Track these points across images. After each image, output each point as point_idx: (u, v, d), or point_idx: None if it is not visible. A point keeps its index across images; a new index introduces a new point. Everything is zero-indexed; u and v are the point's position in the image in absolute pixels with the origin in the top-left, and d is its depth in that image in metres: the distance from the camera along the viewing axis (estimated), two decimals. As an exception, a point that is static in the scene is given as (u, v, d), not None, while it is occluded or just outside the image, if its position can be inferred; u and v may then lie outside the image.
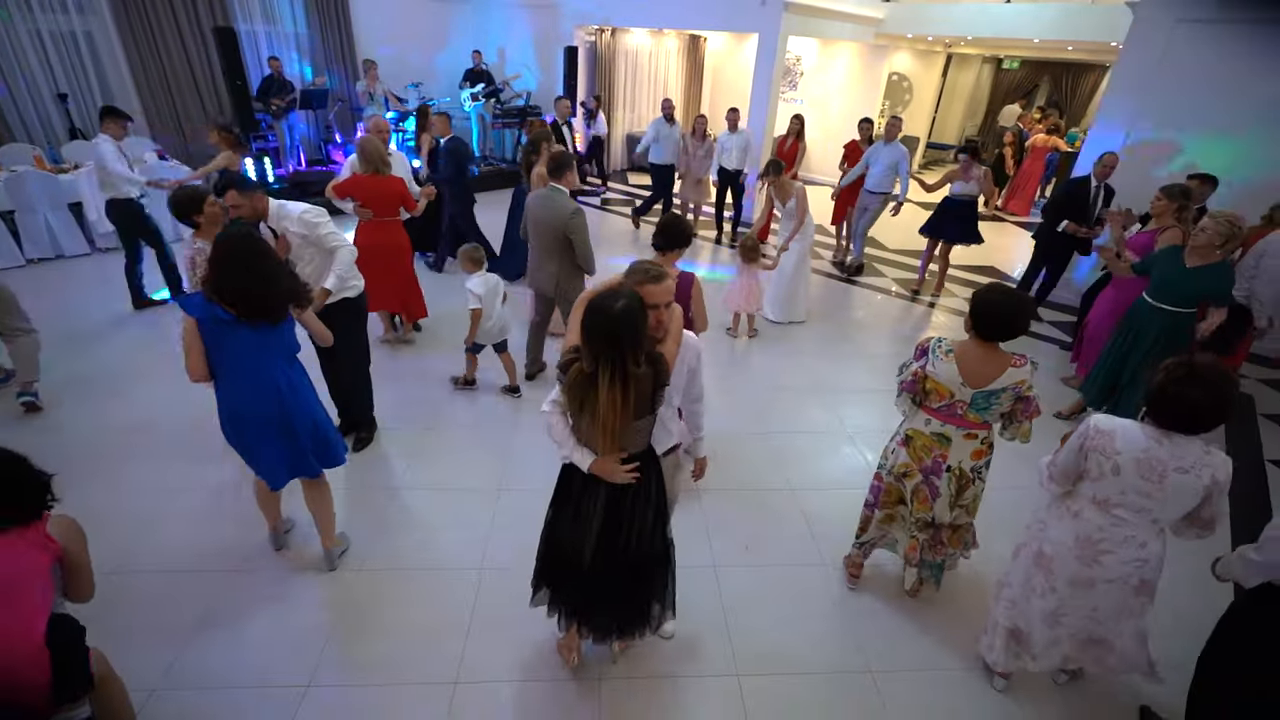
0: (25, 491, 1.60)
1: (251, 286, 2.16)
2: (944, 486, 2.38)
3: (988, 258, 7.61)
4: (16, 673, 1.48)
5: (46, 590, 1.58)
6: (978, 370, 2.22)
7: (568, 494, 2.05)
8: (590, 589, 2.07)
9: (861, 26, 9.35)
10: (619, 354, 1.70)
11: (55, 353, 4.27)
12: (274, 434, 2.36)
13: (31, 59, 6.99)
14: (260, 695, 2.21)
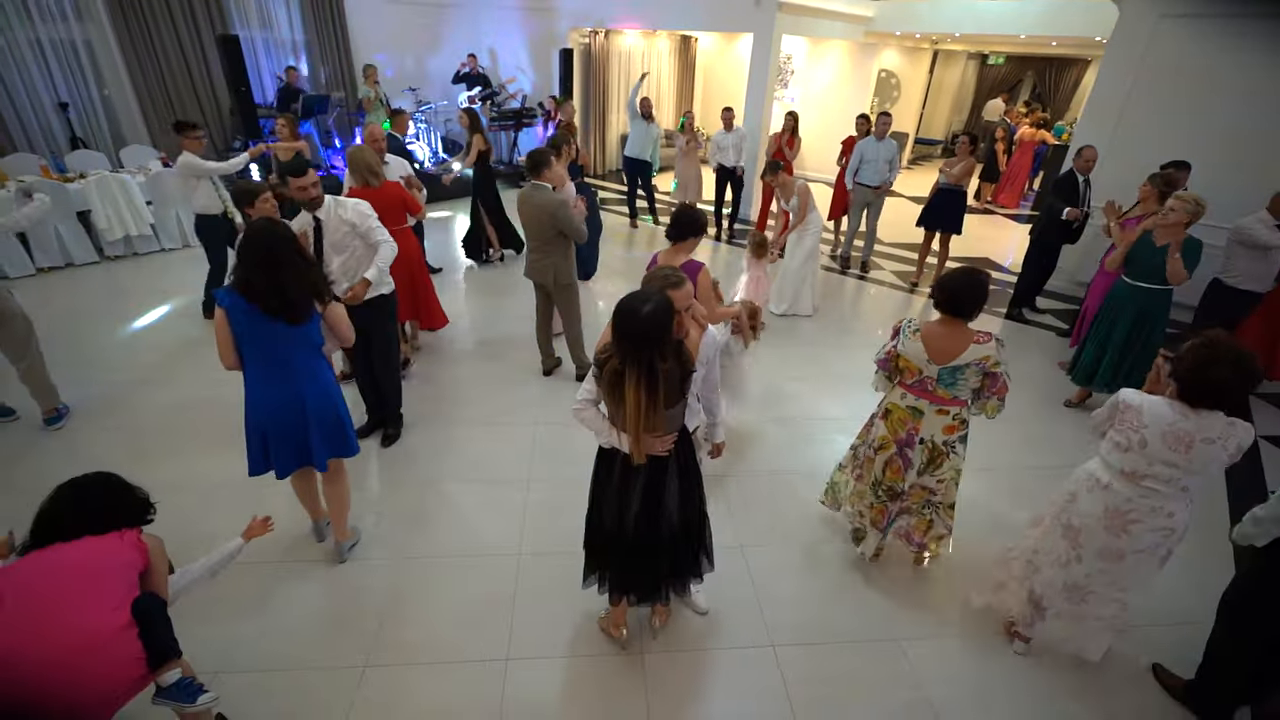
0: (121, 510, 1.79)
1: (272, 278, 2.20)
2: (916, 457, 2.55)
3: (981, 249, 7.81)
4: (107, 648, 1.56)
5: (132, 586, 1.67)
6: (941, 347, 2.38)
7: (609, 473, 2.17)
8: (637, 556, 2.19)
9: (852, 25, 9.53)
10: (648, 353, 1.83)
11: (81, 356, 4.33)
12: (291, 423, 2.43)
13: (32, 68, 7.00)
14: (322, 675, 2.31)
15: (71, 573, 1.58)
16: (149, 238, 6.46)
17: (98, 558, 1.64)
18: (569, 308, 4.04)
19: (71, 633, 1.50)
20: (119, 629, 1.57)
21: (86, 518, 1.70)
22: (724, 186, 7.47)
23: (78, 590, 1.56)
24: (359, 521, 2.98)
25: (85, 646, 1.51)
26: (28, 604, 1.50)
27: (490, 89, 9.80)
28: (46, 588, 1.54)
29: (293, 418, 2.42)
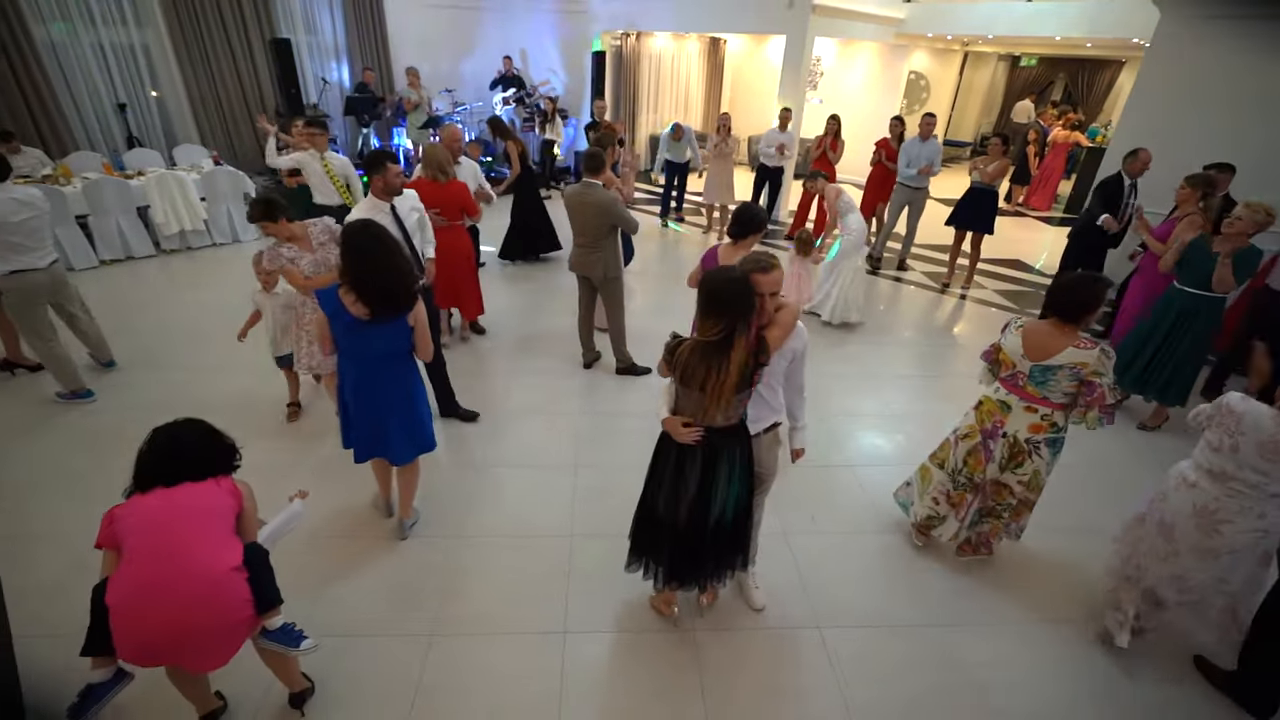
0: (216, 455, 1.88)
1: (388, 264, 2.34)
2: (997, 450, 2.60)
3: (1013, 250, 7.79)
4: (224, 587, 1.71)
5: (233, 531, 1.82)
6: (1038, 344, 2.43)
7: (666, 462, 2.27)
8: (685, 542, 2.28)
9: (883, 26, 9.55)
10: (732, 320, 1.93)
11: (153, 344, 4.57)
12: (372, 420, 2.58)
13: (94, 71, 7.34)
14: (393, 641, 2.46)
15: (188, 515, 1.70)
16: (202, 232, 6.73)
17: (205, 502, 1.76)
18: (614, 301, 4.18)
19: (202, 569, 1.66)
20: (232, 570, 1.72)
21: (184, 463, 1.78)
22: (762, 186, 7.56)
23: (196, 531, 1.69)
24: (418, 502, 3.13)
25: (214, 582, 1.67)
26: (165, 540, 1.63)
27: (524, 90, 9.99)
28: (176, 526, 1.67)
29: (376, 416, 2.58)
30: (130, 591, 1.63)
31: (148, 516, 1.69)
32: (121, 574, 1.63)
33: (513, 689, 2.31)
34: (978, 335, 5.58)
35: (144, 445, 1.81)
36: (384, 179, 3.18)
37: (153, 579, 1.62)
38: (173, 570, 1.63)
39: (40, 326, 3.75)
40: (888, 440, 3.95)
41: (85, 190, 5.85)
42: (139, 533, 1.66)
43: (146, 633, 1.64)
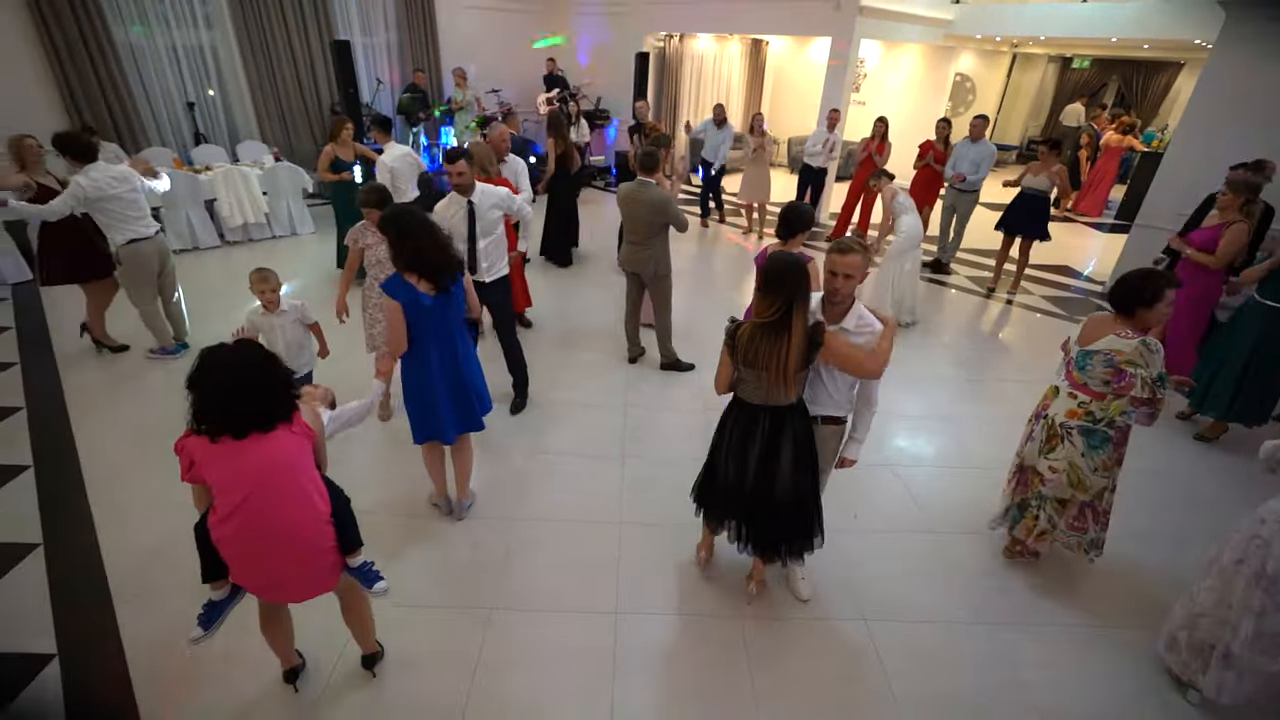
0: (279, 390, 1.78)
1: (436, 247, 2.51)
2: (1037, 432, 2.66)
3: (1063, 257, 7.63)
4: (317, 542, 1.87)
5: (313, 468, 1.91)
6: (1090, 330, 2.51)
7: (731, 433, 2.40)
8: (753, 506, 2.41)
9: (930, 28, 9.43)
10: (788, 299, 2.07)
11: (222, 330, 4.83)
12: (449, 393, 2.73)
13: (166, 70, 7.74)
14: (455, 614, 2.60)
15: (274, 473, 1.76)
16: (263, 225, 7.05)
17: (287, 458, 1.78)
18: (663, 298, 4.27)
19: (298, 534, 1.81)
20: (324, 524, 1.87)
21: (247, 399, 1.70)
22: (805, 188, 7.56)
23: (286, 493, 1.78)
24: (473, 484, 3.27)
25: (308, 541, 1.84)
26: (257, 508, 1.74)
27: (567, 90, 10.16)
28: (264, 490, 1.74)
29: (456, 385, 2.74)
30: (234, 547, 1.80)
31: (235, 476, 1.72)
32: (223, 529, 1.76)
33: (568, 664, 2.42)
34: (1023, 340, 5.51)
35: (198, 375, 1.68)
36: (450, 177, 3.34)
37: (252, 542, 1.78)
38: (270, 535, 1.78)
39: (145, 292, 4.23)
40: (930, 442, 3.96)
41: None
42: (228, 491, 1.73)
43: (250, 578, 1.87)
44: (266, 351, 1.80)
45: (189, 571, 2.66)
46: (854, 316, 2.28)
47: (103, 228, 4.02)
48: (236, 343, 1.78)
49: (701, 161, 7.97)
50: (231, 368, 1.68)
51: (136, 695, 2.22)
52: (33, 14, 6.55)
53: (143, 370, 4.36)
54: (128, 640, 2.42)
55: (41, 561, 2.76)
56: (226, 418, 1.69)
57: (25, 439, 3.56)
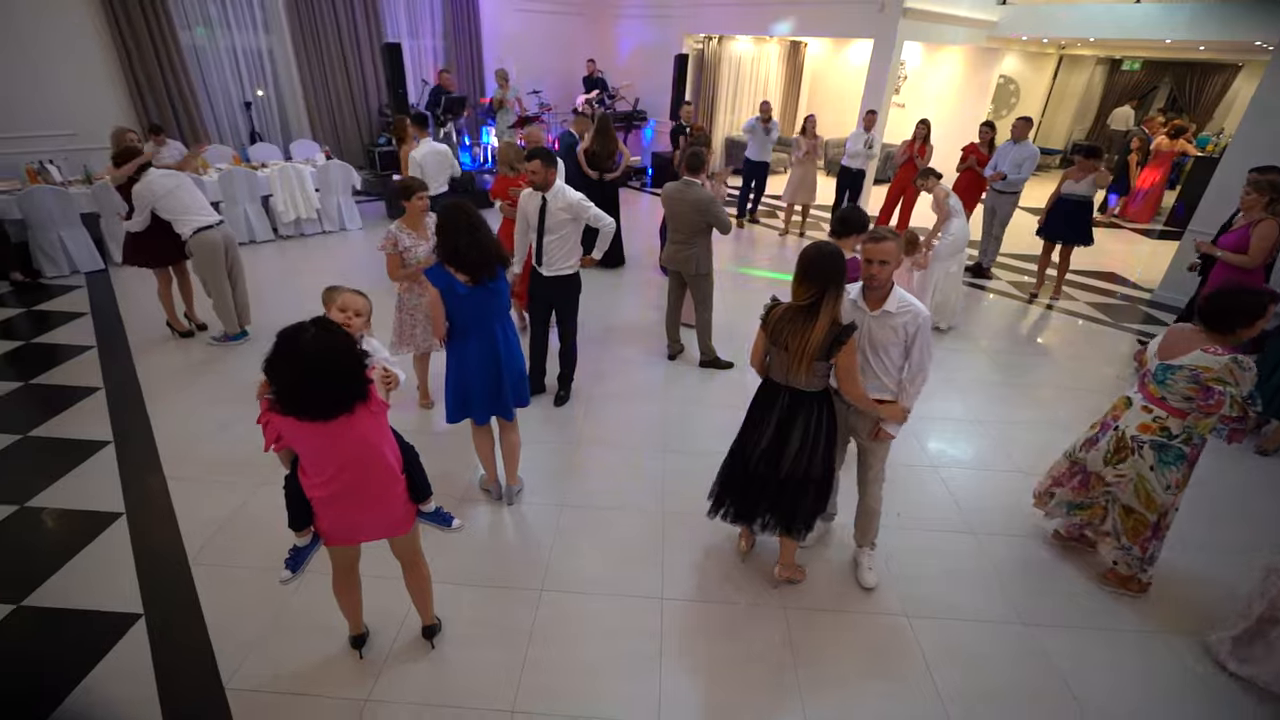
0: (355, 371, 1.79)
1: (472, 239, 2.59)
2: (1103, 442, 2.64)
3: (1109, 263, 7.47)
4: (398, 502, 2.08)
5: (390, 437, 2.05)
6: (1172, 344, 2.46)
7: (754, 405, 2.54)
8: (753, 483, 2.54)
9: (974, 29, 9.30)
10: (821, 287, 2.17)
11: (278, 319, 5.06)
12: (490, 380, 2.84)
13: (227, 72, 8.10)
14: (507, 593, 2.70)
15: (360, 453, 1.91)
16: (314, 220, 7.33)
17: (370, 438, 1.91)
18: (704, 295, 4.34)
19: (384, 503, 2.02)
20: (402, 487, 2.06)
21: (328, 385, 1.73)
22: (844, 190, 7.56)
23: (374, 453, 1.94)
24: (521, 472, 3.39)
25: (390, 504, 2.05)
26: (357, 464, 1.91)
27: (606, 92, 10.30)
28: (353, 468, 1.91)
29: (491, 372, 2.84)
30: (327, 506, 1.97)
31: (324, 452, 1.86)
32: (317, 492, 1.94)
33: (616, 644, 2.50)
34: (1064, 347, 5.43)
35: (275, 360, 1.68)
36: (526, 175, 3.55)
37: (343, 502, 1.96)
38: (358, 497, 1.96)
39: (217, 278, 4.46)
40: (970, 444, 3.95)
41: (220, 180, 6.51)
42: (320, 465, 1.89)
43: (335, 528, 2.05)
44: (341, 337, 1.76)
45: (256, 542, 2.88)
46: (894, 300, 2.37)
47: (171, 223, 4.26)
48: (315, 327, 1.72)
49: (745, 161, 8.00)
50: (306, 358, 1.67)
51: (215, 653, 2.37)
52: (107, 17, 6.93)
53: (209, 354, 4.59)
54: (204, 603, 2.59)
55: (125, 529, 2.96)
56: (307, 404, 1.72)
57: (105, 416, 3.80)
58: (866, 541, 2.84)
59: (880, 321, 2.39)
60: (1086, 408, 4.45)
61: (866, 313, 2.41)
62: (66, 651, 2.37)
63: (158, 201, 4.18)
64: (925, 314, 2.36)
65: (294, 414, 1.74)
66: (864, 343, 2.45)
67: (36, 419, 3.74)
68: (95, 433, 3.64)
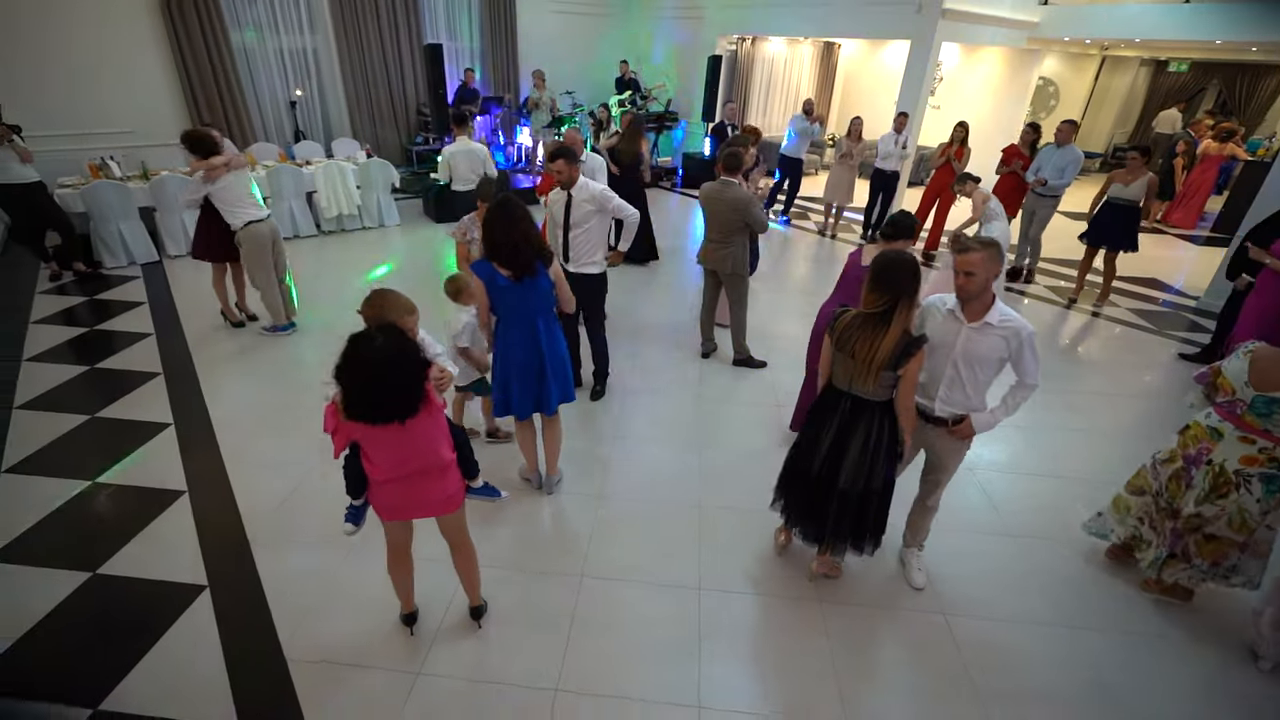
0: (416, 374, 1.89)
1: (509, 235, 2.65)
2: (1199, 479, 2.48)
3: (1152, 269, 7.29)
4: (453, 486, 2.20)
5: (446, 431, 2.15)
6: (1268, 372, 2.29)
7: (814, 411, 2.54)
8: (811, 492, 2.53)
9: (1014, 30, 9.16)
10: (895, 296, 2.17)
11: (323, 310, 5.25)
12: (531, 372, 2.92)
13: (274, 72, 8.38)
14: (548, 579, 2.79)
15: (425, 441, 2.04)
16: (354, 216, 7.54)
17: (430, 429, 2.03)
18: (739, 296, 4.38)
19: (440, 488, 2.13)
20: (452, 461, 2.17)
21: (392, 389, 1.83)
22: (877, 193, 7.52)
23: (433, 451, 2.07)
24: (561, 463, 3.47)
25: (446, 486, 2.16)
26: (417, 461, 2.05)
27: (638, 93, 10.38)
28: (414, 461, 2.05)
29: (533, 366, 2.92)
30: (385, 489, 2.09)
31: (388, 451, 2.00)
32: (379, 477, 2.06)
33: (655, 631, 2.56)
34: (1103, 353, 5.34)
35: (345, 368, 1.78)
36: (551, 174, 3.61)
37: (402, 489, 2.09)
38: (415, 484, 2.10)
39: (265, 268, 4.63)
40: (1008, 448, 3.92)
41: (268, 176, 6.74)
42: (382, 462, 2.03)
43: (396, 512, 2.18)
44: (409, 344, 1.85)
45: (310, 523, 3.01)
46: (996, 313, 2.31)
47: (223, 214, 4.44)
48: (383, 335, 1.80)
49: (781, 158, 8.02)
50: (376, 364, 1.76)
51: (275, 624, 2.50)
52: (166, 21, 7.24)
53: (259, 343, 4.77)
54: (263, 577, 2.72)
55: (187, 506, 3.12)
56: (377, 409, 1.83)
57: (165, 400, 3.99)
58: (916, 542, 2.86)
59: (980, 334, 2.32)
60: (1127, 415, 4.40)
61: (964, 324, 2.35)
62: (139, 616, 2.51)
63: (215, 190, 4.35)
64: (1029, 329, 2.29)
65: (364, 419, 1.84)
66: (957, 354, 2.38)
67: (102, 401, 3.95)
68: (156, 415, 3.83)
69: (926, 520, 2.82)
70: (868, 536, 2.55)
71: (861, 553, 2.59)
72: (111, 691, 2.22)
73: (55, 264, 5.86)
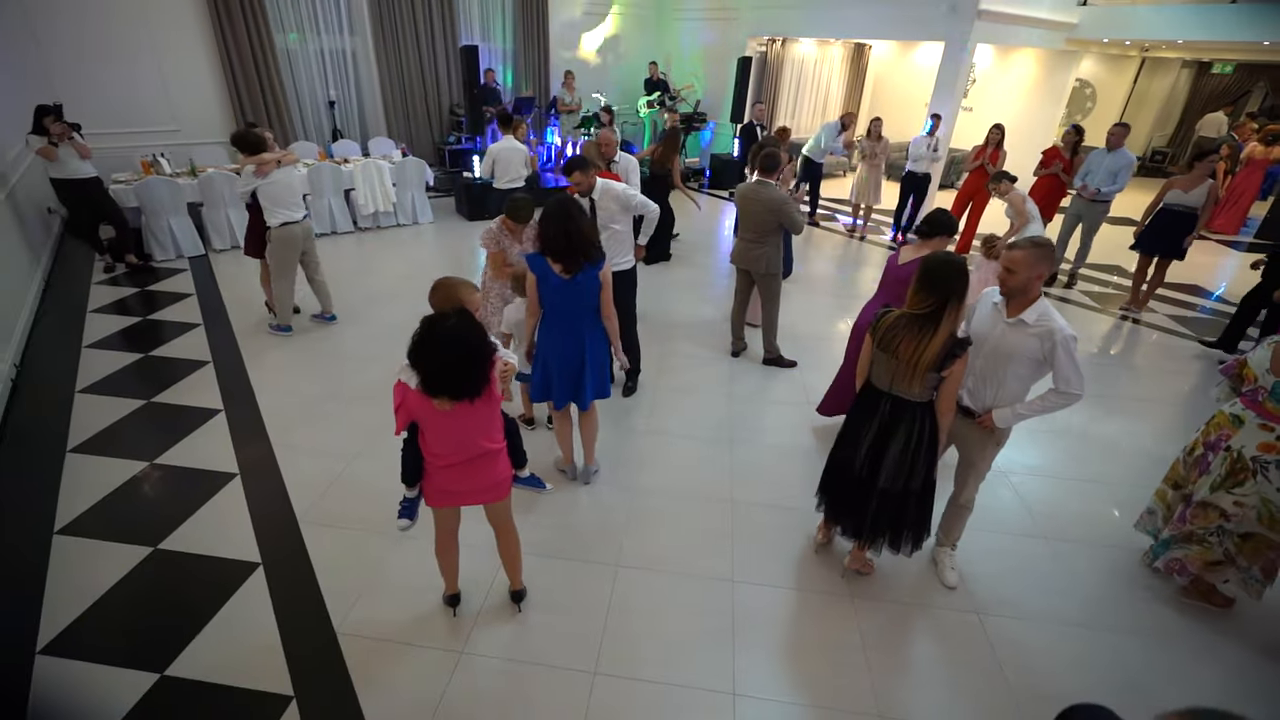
0: (490, 355, 2.02)
1: (563, 229, 2.74)
2: (1215, 464, 2.51)
3: (1192, 275, 7.14)
4: (503, 475, 2.29)
5: (501, 418, 2.26)
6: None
7: (853, 411, 2.58)
8: (851, 488, 2.56)
9: (1052, 32, 9.02)
10: (943, 297, 2.18)
11: (360, 305, 5.40)
12: (571, 367, 3.01)
13: (314, 73, 8.62)
14: (586, 566, 2.86)
15: (482, 425, 2.15)
16: (390, 214, 7.72)
17: (488, 415, 2.15)
18: (771, 296, 4.41)
19: (491, 475, 2.21)
20: (504, 448, 2.26)
21: (464, 365, 1.93)
22: (909, 195, 7.48)
23: (489, 436, 2.17)
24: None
25: (497, 474, 2.24)
26: (474, 444, 2.14)
27: (667, 94, 10.44)
28: (470, 445, 2.14)
29: (575, 361, 3.01)
30: (440, 473, 2.18)
31: (448, 433, 2.09)
32: (437, 462, 2.14)
33: (690, 621, 2.62)
34: (1140, 359, 5.26)
35: (424, 349, 1.88)
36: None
37: (457, 475, 2.17)
38: (470, 469, 2.18)
39: (288, 270, 4.75)
40: (1044, 453, 3.89)
41: (309, 174, 6.94)
42: (442, 446, 2.12)
43: (446, 499, 2.26)
44: (476, 323, 1.98)
45: (355, 506, 3.12)
46: (1033, 312, 2.33)
47: (264, 211, 4.57)
48: (455, 316, 1.92)
49: (803, 160, 8.02)
50: (451, 343, 1.88)
51: (325, 600, 2.61)
52: (214, 24, 7.50)
53: (302, 335, 4.93)
54: (313, 557, 2.83)
55: (240, 488, 3.25)
56: (450, 384, 1.93)
57: (215, 387, 4.16)
58: (950, 541, 2.87)
59: (1014, 330, 2.36)
60: (1166, 420, 4.33)
61: (1002, 317, 2.40)
62: (199, 590, 2.64)
63: (263, 185, 4.47)
64: (1064, 332, 2.28)
65: (438, 393, 1.94)
66: (989, 348, 2.43)
67: (156, 388, 4.12)
68: (207, 401, 3.99)
69: (960, 519, 2.83)
70: (906, 535, 2.57)
71: (899, 552, 2.61)
72: (176, 658, 2.34)
73: (109, 256, 6.11)
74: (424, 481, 2.25)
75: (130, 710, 2.15)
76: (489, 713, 2.22)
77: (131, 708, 2.16)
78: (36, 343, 4.62)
